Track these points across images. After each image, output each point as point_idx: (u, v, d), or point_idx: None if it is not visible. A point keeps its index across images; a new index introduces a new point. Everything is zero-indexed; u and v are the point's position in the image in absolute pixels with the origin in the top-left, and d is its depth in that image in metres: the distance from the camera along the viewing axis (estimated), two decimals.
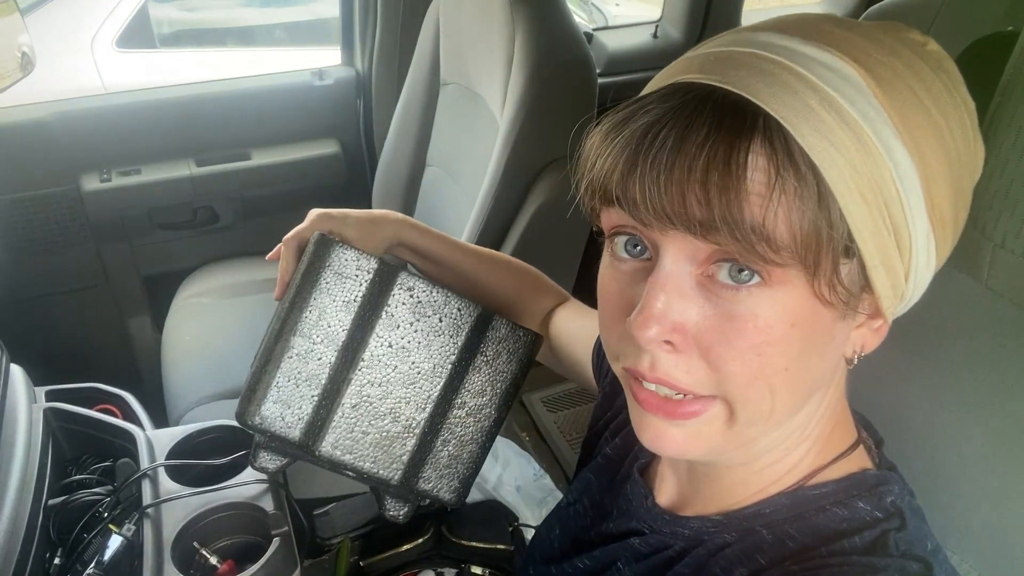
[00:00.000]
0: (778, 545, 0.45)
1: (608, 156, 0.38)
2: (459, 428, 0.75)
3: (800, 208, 0.35)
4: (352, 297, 0.70)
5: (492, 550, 1.15)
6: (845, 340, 0.42)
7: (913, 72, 0.38)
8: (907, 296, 0.42)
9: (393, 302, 0.71)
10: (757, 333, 0.38)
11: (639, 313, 0.39)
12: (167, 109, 1.72)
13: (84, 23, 2.51)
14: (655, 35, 2.10)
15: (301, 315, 0.69)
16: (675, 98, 0.37)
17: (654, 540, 0.53)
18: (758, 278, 0.37)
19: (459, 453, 0.75)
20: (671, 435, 0.43)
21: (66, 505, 0.96)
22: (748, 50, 0.38)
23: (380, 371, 0.72)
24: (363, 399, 0.72)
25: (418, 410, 0.73)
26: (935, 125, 0.38)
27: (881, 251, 0.38)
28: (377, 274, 0.70)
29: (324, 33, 3.04)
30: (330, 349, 0.70)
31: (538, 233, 1.32)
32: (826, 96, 0.36)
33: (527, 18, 1.24)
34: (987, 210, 0.55)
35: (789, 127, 0.35)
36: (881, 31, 0.40)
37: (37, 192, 1.63)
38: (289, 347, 0.69)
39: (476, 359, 0.73)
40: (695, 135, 0.35)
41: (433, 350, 0.72)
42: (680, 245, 0.38)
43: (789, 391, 0.41)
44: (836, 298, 0.38)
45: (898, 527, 0.43)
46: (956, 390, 0.59)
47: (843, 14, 2.22)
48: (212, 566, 0.91)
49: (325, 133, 1.88)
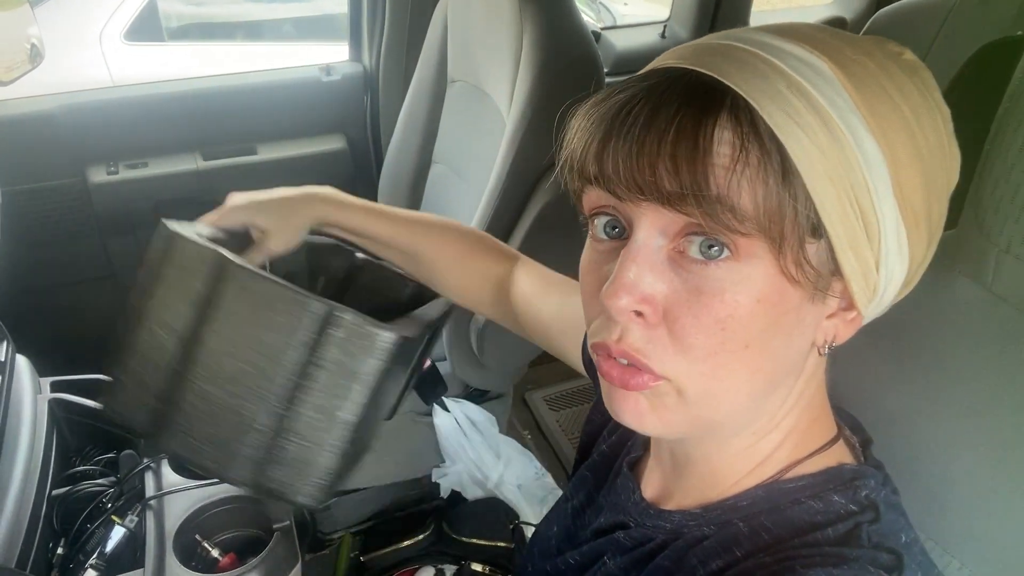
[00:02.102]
0: (754, 537, 0.46)
1: (586, 131, 0.41)
2: (308, 429, 0.69)
3: (763, 180, 0.37)
4: (190, 290, 0.67)
5: (492, 547, 1.15)
6: (815, 326, 0.43)
7: (885, 72, 0.40)
8: (880, 289, 0.42)
9: (230, 296, 0.66)
10: (723, 307, 0.39)
11: (610, 284, 0.40)
12: (174, 103, 1.72)
13: (93, 16, 2.52)
14: (663, 35, 2.10)
15: (146, 306, 0.68)
16: (651, 79, 0.40)
17: (638, 533, 0.54)
18: (727, 252, 0.39)
19: (309, 455, 0.69)
20: (630, 403, 0.44)
21: (70, 495, 0.97)
22: (726, 42, 0.41)
23: (218, 367, 0.67)
24: (203, 396, 0.68)
25: (259, 408, 0.67)
26: (904, 119, 0.39)
27: (848, 234, 0.39)
28: (213, 267, 0.66)
29: (332, 28, 3.04)
30: (171, 341, 0.67)
31: (544, 231, 1.32)
32: (794, 82, 0.38)
33: (535, 16, 1.24)
34: (993, 215, 0.55)
35: (756, 105, 0.37)
36: (861, 39, 0.42)
37: (44, 184, 1.63)
38: (136, 338, 0.68)
39: (321, 356, 0.67)
40: (666, 111, 0.37)
41: (272, 347, 0.67)
42: (652, 217, 0.40)
43: (748, 370, 0.41)
44: (803, 277, 0.39)
45: (871, 520, 0.44)
46: (959, 394, 0.59)
47: (853, 17, 2.23)
48: (214, 559, 0.91)
49: (332, 129, 1.88)
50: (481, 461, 1.40)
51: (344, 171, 1.89)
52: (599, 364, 0.44)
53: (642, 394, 0.43)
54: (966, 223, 0.58)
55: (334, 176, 1.88)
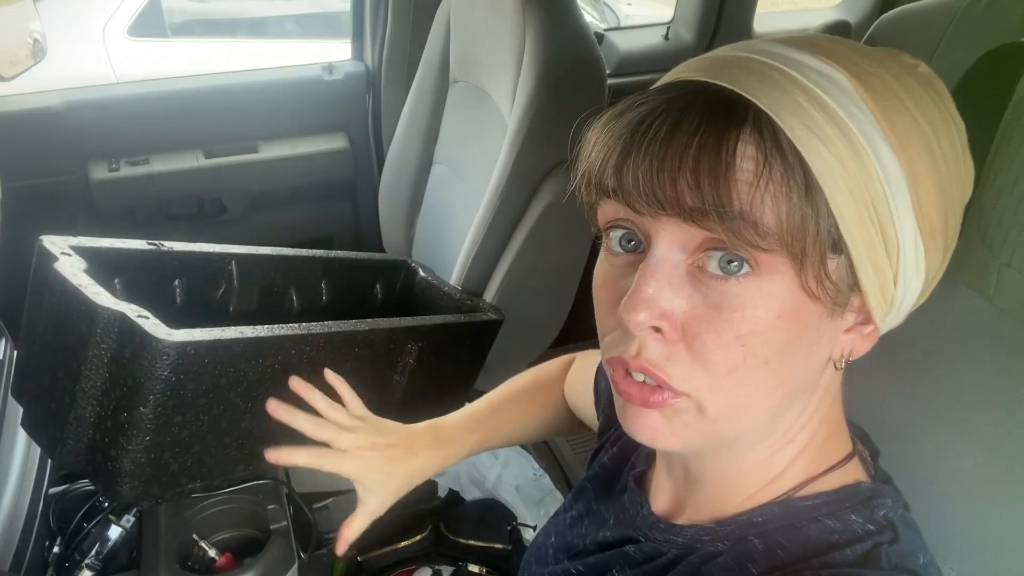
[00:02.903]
0: (769, 555, 0.45)
1: (604, 144, 0.40)
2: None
3: (787, 196, 0.36)
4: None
5: (490, 549, 1.15)
6: (833, 341, 0.43)
7: (901, 84, 0.39)
8: (896, 303, 0.42)
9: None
10: (744, 323, 0.39)
11: (629, 298, 0.40)
12: (177, 100, 1.72)
13: (96, 11, 2.52)
14: (666, 36, 2.09)
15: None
16: (670, 92, 0.39)
17: (648, 548, 0.53)
18: (747, 267, 0.38)
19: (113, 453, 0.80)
20: (646, 420, 0.43)
21: (66, 494, 0.97)
22: (743, 54, 0.40)
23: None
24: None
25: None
26: (921, 132, 0.39)
27: (868, 248, 0.38)
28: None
29: (335, 26, 3.04)
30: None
31: (544, 234, 1.32)
32: (814, 95, 0.37)
33: (538, 18, 1.23)
34: (996, 227, 0.55)
35: (778, 120, 0.36)
36: (875, 51, 0.41)
37: (46, 180, 1.63)
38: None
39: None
40: (687, 125, 0.37)
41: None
42: (672, 232, 0.39)
43: (768, 386, 0.41)
44: (823, 292, 0.39)
45: (890, 540, 0.43)
46: (959, 406, 0.58)
47: (857, 19, 2.22)
48: (211, 559, 0.91)
49: (333, 128, 1.87)
50: (479, 461, 1.40)
51: (345, 170, 1.89)
52: (616, 382, 0.44)
53: (659, 411, 0.43)
54: (968, 234, 0.58)
55: (335, 175, 1.88)
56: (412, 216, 1.72)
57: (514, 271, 1.34)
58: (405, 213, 1.72)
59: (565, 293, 1.50)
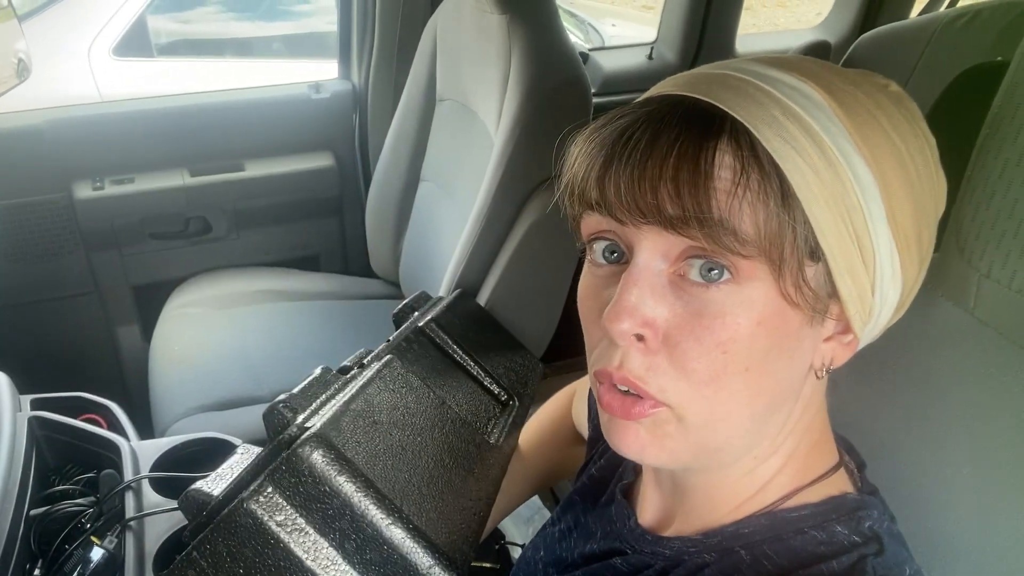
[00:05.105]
0: (756, 566, 0.45)
1: (587, 155, 0.41)
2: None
3: (764, 203, 0.37)
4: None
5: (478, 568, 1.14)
6: (813, 349, 0.43)
7: (874, 100, 0.41)
8: (875, 313, 0.43)
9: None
10: (725, 330, 0.39)
11: (612, 307, 0.40)
12: (162, 119, 1.72)
13: (81, 31, 2.52)
14: (650, 56, 2.12)
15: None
16: (650, 105, 0.40)
17: (635, 560, 0.53)
18: (727, 275, 0.39)
19: None
20: (632, 436, 0.44)
21: (48, 515, 0.95)
22: (721, 71, 0.42)
23: None
24: None
25: None
26: (894, 146, 0.40)
27: (845, 256, 0.39)
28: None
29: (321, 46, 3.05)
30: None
31: (531, 251, 1.32)
32: (789, 109, 0.39)
33: (523, 38, 1.24)
34: (974, 240, 0.56)
35: (754, 131, 0.38)
36: (848, 71, 0.43)
37: (29, 199, 1.62)
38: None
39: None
40: (667, 135, 0.38)
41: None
42: (654, 241, 0.40)
43: (749, 393, 0.42)
44: (803, 299, 0.39)
45: (876, 552, 0.44)
46: (943, 419, 0.59)
47: (837, 40, 2.26)
48: None
49: (320, 146, 1.88)
50: None
51: (332, 188, 1.89)
52: (600, 396, 0.44)
53: (642, 424, 0.43)
54: (948, 248, 0.59)
55: (322, 193, 1.88)
56: (399, 234, 1.72)
57: (500, 288, 1.34)
58: (392, 231, 1.72)
59: (552, 309, 1.50)
